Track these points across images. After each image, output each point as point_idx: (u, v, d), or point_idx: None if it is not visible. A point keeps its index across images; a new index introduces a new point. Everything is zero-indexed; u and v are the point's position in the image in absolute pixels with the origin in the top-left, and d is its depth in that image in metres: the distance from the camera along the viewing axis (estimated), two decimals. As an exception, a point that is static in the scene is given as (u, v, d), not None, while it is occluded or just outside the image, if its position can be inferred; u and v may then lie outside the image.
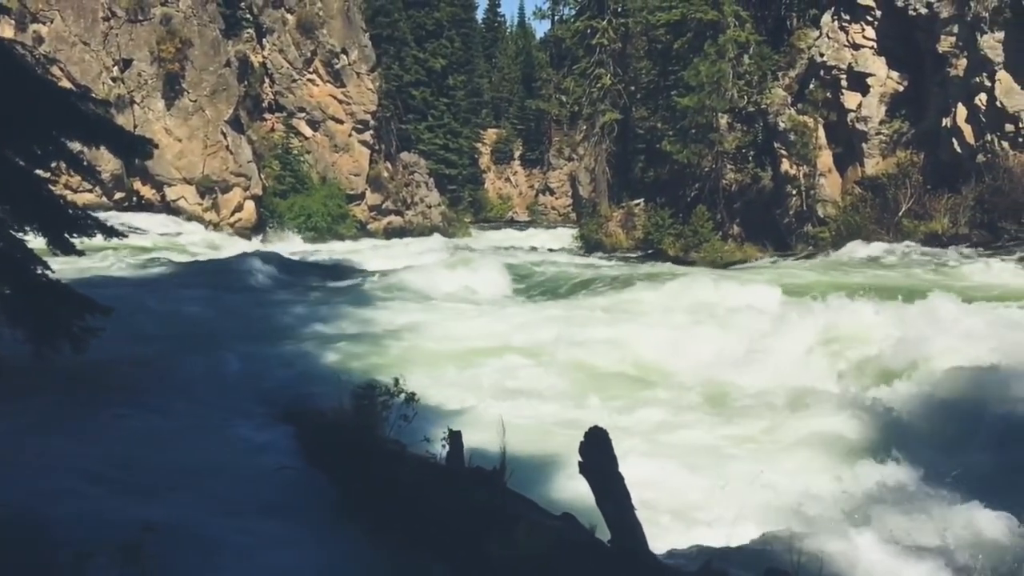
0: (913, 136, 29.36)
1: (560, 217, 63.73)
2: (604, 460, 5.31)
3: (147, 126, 37.28)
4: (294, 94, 43.87)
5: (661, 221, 34.14)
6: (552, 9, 56.13)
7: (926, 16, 28.33)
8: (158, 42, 37.56)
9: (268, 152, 42.55)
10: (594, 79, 40.78)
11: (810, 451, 8.93)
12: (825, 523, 6.77)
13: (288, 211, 41.25)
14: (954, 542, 6.41)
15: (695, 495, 7.64)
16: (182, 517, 6.50)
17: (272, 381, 11.33)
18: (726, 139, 33.22)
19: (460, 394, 11.00)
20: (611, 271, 25.10)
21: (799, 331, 13.03)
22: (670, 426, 10.05)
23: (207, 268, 23.02)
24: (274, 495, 7.20)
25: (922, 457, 8.12)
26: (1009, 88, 26.00)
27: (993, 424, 9.08)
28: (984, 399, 9.69)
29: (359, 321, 15.84)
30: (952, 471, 7.43)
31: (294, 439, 8.71)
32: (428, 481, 6.67)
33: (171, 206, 38.22)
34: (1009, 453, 8.22)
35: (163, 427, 9.14)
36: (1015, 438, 8.59)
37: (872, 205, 28.78)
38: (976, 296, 14.83)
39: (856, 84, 30.81)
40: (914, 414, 9.72)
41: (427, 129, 55.41)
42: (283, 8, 43.30)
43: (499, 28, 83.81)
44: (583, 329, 14.44)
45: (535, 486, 7.39)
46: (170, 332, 13.80)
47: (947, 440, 8.85)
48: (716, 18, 32.68)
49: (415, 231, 46.42)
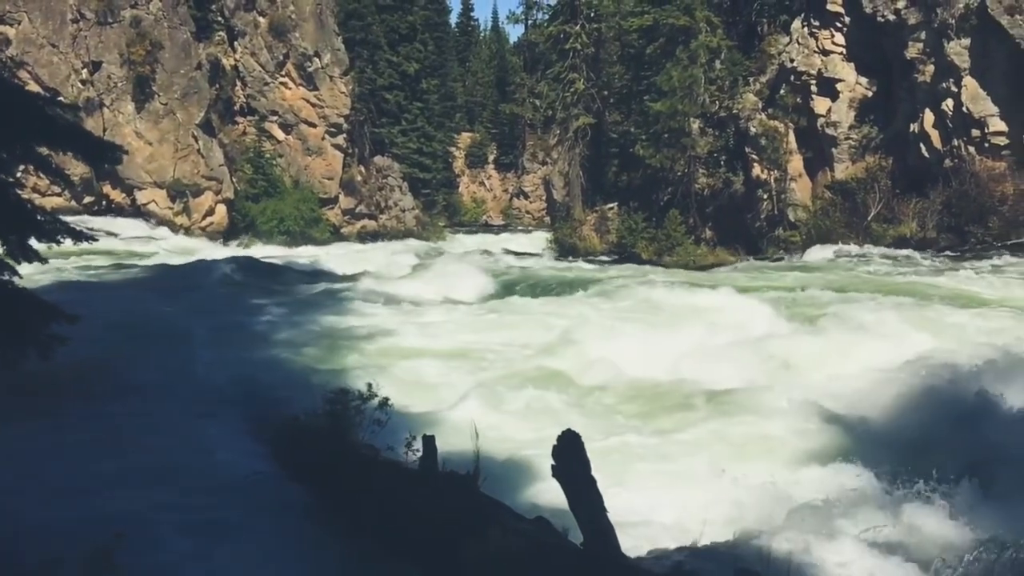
0: (882, 141, 29.77)
1: (534, 221, 63.75)
2: (576, 464, 5.34)
3: (117, 129, 36.89)
4: (266, 97, 43.57)
5: (634, 225, 34.31)
6: (526, 14, 56.19)
7: (894, 23, 28.74)
8: (128, 44, 37.18)
9: (240, 155, 42.21)
10: (567, 83, 40.91)
11: (768, 452, 9.02)
12: (792, 523, 6.85)
13: (260, 215, 40.94)
14: (918, 540, 6.52)
15: (662, 497, 7.70)
16: (153, 523, 6.46)
17: (244, 387, 11.24)
18: (698, 144, 33.47)
19: (434, 398, 10.99)
20: (585, 274, 25.17)
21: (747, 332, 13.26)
22: (631, 428, 10.11)
23: (177, 273, 22.80)
24: (246, 501, 7.16)
25: (883, 456, 8.23)
26: (975, 94, 26.44)
27: (952, 423, 9.27)
28: (942, 397, 9.91)
29: (331, 326, 15.77)
30: (913, 470, 7.55)
31: (266, 444, 8.66)
32: (402, 486, 6.67)
33: (141, 210, 37.80)
34: (967, 452, 8.36)
35: (131, 433, 9.06)
36: (973, 437, 8.75)
37: (842, 209, 29.13)
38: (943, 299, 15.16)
39: (826, 89, 31.19)
40: (873, 414, 9.89)
41: (401, 133, 55.18)
42: (255, 11, 43.01)
43: (473, 32, 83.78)
44: (555, 332, 14.49)
45: (509, 490, 7.40)
46: (138, 338, 13.65)
47: (907, 439, 9.01)
48: (688, 24, 32.92)
49: (389, 235, 46.24)
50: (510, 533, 5.71)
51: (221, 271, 22.03)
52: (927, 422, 9.54)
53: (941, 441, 8.75)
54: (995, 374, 10.45)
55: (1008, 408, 9.48)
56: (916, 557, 6.32)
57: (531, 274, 25.20)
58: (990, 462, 8.15)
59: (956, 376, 10.49)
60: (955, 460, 8.22)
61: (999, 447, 8.65)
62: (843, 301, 15.96)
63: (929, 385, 10.42)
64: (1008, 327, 13.18)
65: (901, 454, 7.88)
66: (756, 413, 10.19)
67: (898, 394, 10.29)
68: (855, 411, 10.11)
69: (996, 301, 15.88)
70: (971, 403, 9.87)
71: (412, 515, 6.30)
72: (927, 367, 10.85)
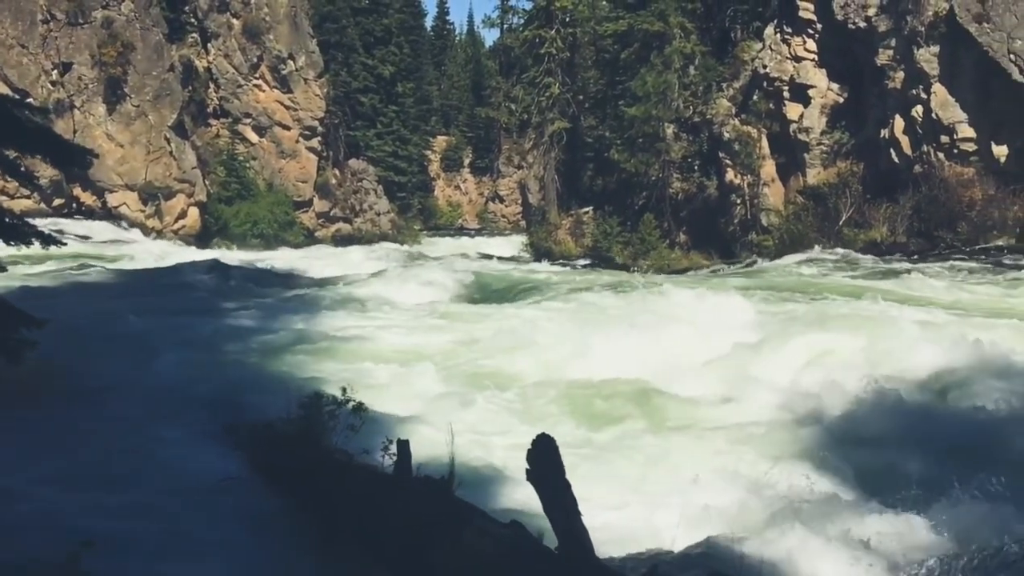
0: (853, 147, 30.11)
1: (510, 225, 63.80)
2: (551, 468, 5.33)
3: (87, 131, 36.49)
4: (240, 99, 43.29)
5: (609, 229, 34.44)
6: (501, 18, 56.40)
7: (865, 30, 29.10)
8: (99, 46, 36.78)
9: (213, 158, 41.90)
10: (543, 88, 41.02)
11: (738, 455, 9.09)
12: (764, 525, 6.90)
13: (234, 218, 40.65)
14: (890, 543, 6.58)
15: (635, 501, 7.73)
16: (122, 530, 6.37)
17: (217, 392, 11.13)
18: (672, 148, 33.68)
19: (408, 403, 10.94)
20: (559, 278, 25.24)
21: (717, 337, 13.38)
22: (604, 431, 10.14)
23: (149, 276, 22.59)
24: (218, 506, 7.09)
25: (853, 458, 8.33)
26: (944, 100, 26.82)
27: (921, 425, 9.41)
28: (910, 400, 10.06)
29: (305, 330, 15.67)
30: (884, 473, 7.63)
31: (239, 450, 8.58)
32: (376, 491, 6.64)
33: (113, 213, 37.39)
34: (934, 453, 8.48)
35: (101, 439, 8.94)
36: (940, 438, 8.89)
37: (814, 214, 29.43)
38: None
39: (798, 95, 31.50)
40: (842, 416, 10.01)
41: (376, 136, 55.04)
42: (228, 13, 42.72)
43: (448, 36, 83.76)
44: (528, 336, 14.51)
45: (484, 494, 7.39)
46: (109, 343, 13.48)
47: (877, 441, 9.12)
48: (662, 29, 33.13)
49: (364, 239, 46.08)
50: (485, 537, 5.69)
51: (193, 275, 21.83)
52: (896, 424, 9.67)
53: (911, 443, 8.86)
54: (964, 376, 10.62)
55: (976, 409, 9.63)
56: (887, 559, 6.38)
57: (507, 277, 25.23)
58: (962, 464, 8.26)
59: (923, 378, 10.63)
60: (925, 462, 8.33)
61: (969, 448, 8.78)
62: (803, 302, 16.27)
63: (897, 388, 10.57)
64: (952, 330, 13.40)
65: (872, 457, 7.97)
66: (725, 417, 10.26)
67: (865, 397, 10.41)
68: (826, 414, 10.22)
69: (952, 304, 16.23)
70: (940, 405, 10.04)
71: (387, 520, 6.27)
72: (893, 368, 10.98)
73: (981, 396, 10.07)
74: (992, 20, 25.52)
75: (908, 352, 11.57)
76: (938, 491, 7.36)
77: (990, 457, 8.52)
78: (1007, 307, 15.91)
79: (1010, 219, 25.41)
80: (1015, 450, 8.67)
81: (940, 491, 7.35)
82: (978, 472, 7.98)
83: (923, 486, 7.37)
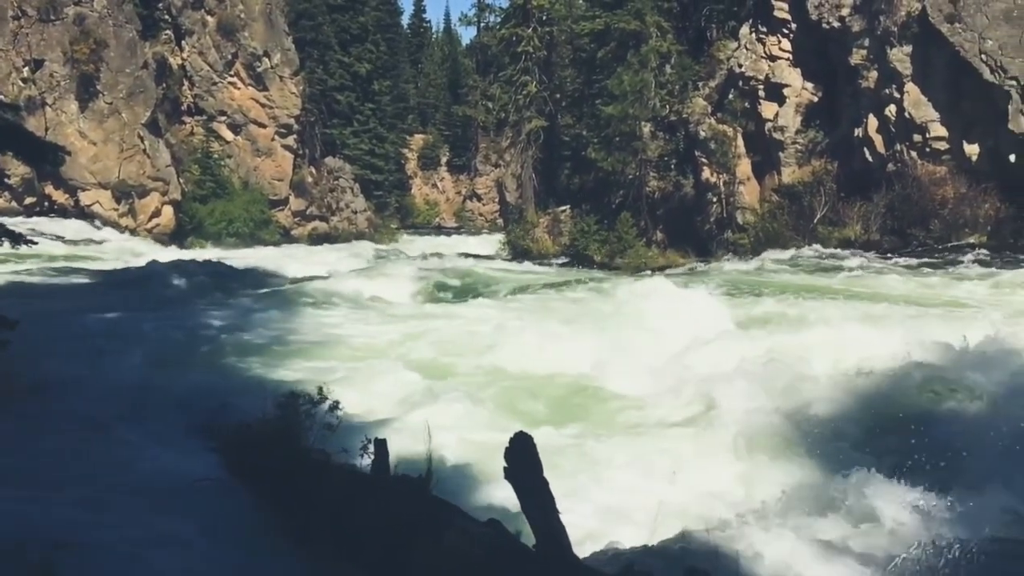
0: (827, 145, 30.38)
1: (487, 223, 63.83)
2: (529, 466, 5.34)
3: (59, 129, 36.06)
4: (214, 97, 42.95)
5: (587, 227, 34.52)
6: (478, 16, 56.35)
7: (839, 29, 29.36)
8: (71, 42, 36.36)
9: (187, 156, 41.55)
10: (520, 86, 41.02)
11: (717, 450, 9.15)
12: (740, 520, 6.95)
13: (209, 216, 40.34)
14: (863, 536, 6.65)
15: (613, 498, 7.76)
16: (96, 534, 6.30)
17: (191, 392, 11.02)
18: (649, 147, 33.80)
19: (386, 402, 10.92)
20: (536, 277, 25.30)
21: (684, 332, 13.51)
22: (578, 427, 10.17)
23: (122, 276, 22.35)
24: (193, 508, 7.02)
25: (828, 452, 8.40)
26: (917, 100, 27.12)
27: (888, 419, 9.52)
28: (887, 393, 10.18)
29: (281, 329, 15.59)
30: (858, 466, 7.70)
31: (214, 451, 8.51)
32: (353, 490, 6.61)
33: (85, 211, 36.99)
34: (915, 448, 8.55)
35: (75, 441, 8.83)
36: (908, 431, 8.99)
37: (789, 212, 29.66)
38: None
39: (773, 95, 31.73)
40: (819, 410, 10.10)
41: (352, 134, 54.84)
42: (203, 10, 42.37)
43: (425, 34, 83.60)
44: (503, 334, 14.52)
45: (462, 493, 7.39)
46: (82, 344, 13.32)
47: (853, 435, 9.22)
48: (638, 28, 33.24)
49: (340, 237, 45.89)
50: (462, 535, 5.69)
51: (165, 274, 21.63)
52: (874, 418, 9.77)
53: (878, 438, 8.96)
54: (944, 368, 10.73)
55: (952, 404, 9.73)
56: (865, 553, 6.44)
57: (484, 276, 25.24)
58: (938, 458, 8.36)
59: (901, 371, 10.75)
60: (904, 456, 8.41)
61: (946, 443, 8.87)
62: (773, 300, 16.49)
63: (874, 381, 10.68)
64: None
65: (849, 451, 8.04)
66: (695, 414, 10.32)
67: (845, 390, 10.52)
68: (804, 408, 10.30)
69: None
70: (917, 399, 10.15)
71: (364, 519, 6.25)
72: (870, 363, 11.09)
73: (948, 389, 10.18)
74: (963, 20, 25.83)
75: (868, 346, 11.71)
76: (908, 485, 7.43)
77: (958, 451, 8.62)
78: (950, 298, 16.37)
79: (981, 217, 25.74)
80: (986, 444, 8.77)
81: (911, 485, 7.42)
82: (947, 466, 8.09)
83: (892, 480, 7.44)
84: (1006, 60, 25.19)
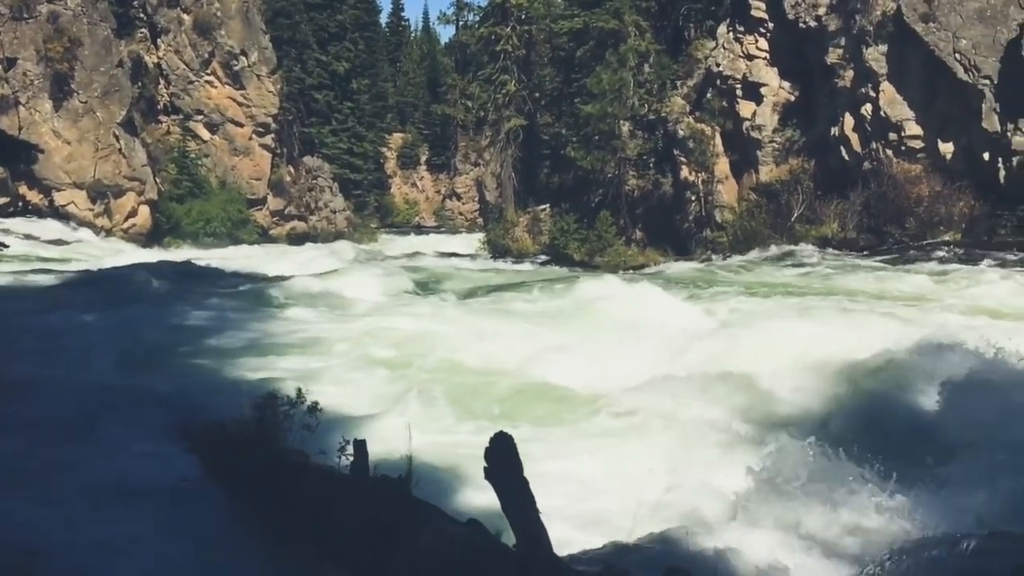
0: (804, 144, 30.59)
1: (467, 222, 63.72)
2: (509, 466, 5.33)
3: (33, 128, 35.64)
4: (191, 96, 42.62)
5: (566, 226, 34.56)
6: (457, 15, 56.14)
7: (815, 29, 29.57)
8: (45, 41, 35.95)
9: (164, 155, 41.22)
10: (499, 85, 41.02)
11: (691, 446, 9.18)
12: (717, 519, 6.97)
13: (186, 216, 40.03)
14: (842, 532, 6.69)
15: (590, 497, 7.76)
16: (70, 536, 6.23)
17: (168, 393, 10.90)
18: (628, 146, 33.90)
19: (366, 402, 10.87)
20: (514, 276, 25.31)
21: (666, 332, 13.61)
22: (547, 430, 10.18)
23: (97, 277, 22.07)
24: (170, 510, 6.96)
25: (813, 449, 8.44)
26: (892, 98, 27.38)
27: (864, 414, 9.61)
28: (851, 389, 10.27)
29: (259, 330, 15.48)
30: (836, 461, 7.74)
31: (192, 452, 8.44)
32: (333, 491, 6.58)
33: (60, 212, 36.58)
34: (882, 442, 8.62)
35: (48, 442, 8.71)
36: (886, 426, 9.07)
37: (767, 210, 29.85)
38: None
39: (750, 94, 31.91)
40: (795, 404, 10.17)
41: (331, 133, 54.60)
42: (179, 8, 42.02)
43: (403, 32, 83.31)
44: (482, 333, 14.53)
45: (442, 493, 7.36)
46: (56, 346, 13.15)
47: (830, 430, 9.28)
48: (617, 27, 33.32)
49: (319, 237, 45.68)
50: (442, 536, 5.67)
51: (145, 275, 21.41)
52: (857, 415, 9.85)
53: (856, 432, 9.02)
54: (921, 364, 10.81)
55: (932, 398, 9.80)
56: (845, 551, 6.48)
57: (464, 276, 25.23)
58: (921, 454, 8.43)
59: (879, 367, 10.83)
60: (886, 452, 8.47)
61: (928, 437, 8.95)
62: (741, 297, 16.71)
63: (855, 376, 10.75)
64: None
65: (831, 446, 8.08)
66: (672, 411, 10.34)
67: (826, 386, 10.59)
68: (784, 403, 10.36)
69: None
70: (896, 395, 10.22)
71: (343, 520, 6.22)
72: (850, 356, 11.17)
73: (924, 383, 10.26)
74: (938, 20, 26.10)
75: (842, 340, 11.82)
76: (889, 481, 7.48)
77: (938, 446, 8.70)
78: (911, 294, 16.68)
79: (956, 215, 26.02)
80: (964, 439, 8.85)
81: (891, 481, 7.47)
82: (928, 461, 8.16)
83: (873, 476, 7.49)
84: (979, 59, 25.48)
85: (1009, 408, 8.92)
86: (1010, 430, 8.51)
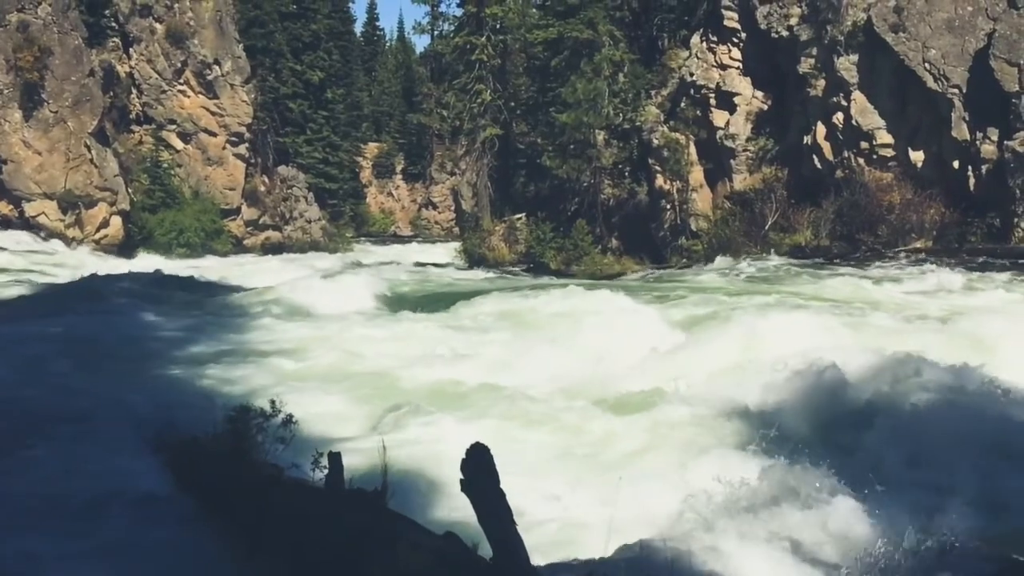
0: (777, 153, 30.84)
1: (443, 231, 63.63)
2: (485, 477, 5.30)
3: (3, 138, 35.25)
4: (164, 105, 42.25)
5: (543, 235, 34.61)
6: (431, 24, 56.10)
7: (787, 39, 29.86)
8: (14, 50, 35.53)
9: (136, 165, 40.79)
10: (474, 94, 41.02)
11: (664, 452, 9.19)
12: (693, 527, 6.96)
13: (159, 226, 39.63)
14: (826, 539, 6.70)
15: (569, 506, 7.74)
16: (41, 552, 6.12)
17: (139, 407, 10.73)
18: (603, 155, 34.01)
19: (340, 415, 10.78)
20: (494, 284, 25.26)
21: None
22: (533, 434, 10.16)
23: (68, 289, 21.81)
24: (141, 524, 6.85)
25: (783, 455, 8.47)
26: (863, 107, 27.70)
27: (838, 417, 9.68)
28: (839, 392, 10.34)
29: (233, 341, 15.32)
30: (813, 468, 7.77)
31: (163, 467, 8.32)
32: (307, 504, 6.51)
33: (31, 223, 36.12)
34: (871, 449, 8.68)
35: (18, 459, 8.56)
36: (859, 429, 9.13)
37: (741, 219, 30.03)
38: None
39: (724, 103, 32.15)
40: (771, 410, 10.22)
41: (306, 142, 54.32)
42: (151, 17, 41.67)
43: (378, 42, 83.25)
44: (458, 345, 14.49)
45: (418, 506, 7.31)
46: (24, 361, 12.91)
47: (807, 437, 9.32)
48: (591, 37, 33.45)
49: (294, 247, 45.36)
50: (418, 549, 5.62)
51: (116, 287, 21.16)
52: (829, 418, 9.91)
53: (831, 437, 9.07)
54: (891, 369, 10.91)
55: (905, 403, 9.89)
56: (823, 555, 6.49)
57: (438, 285, 25.14)
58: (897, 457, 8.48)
59: (851, 371, 10.91)
60: (862, 456, 8.51)
61: (905, 441, 9.01)
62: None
63: (824, 380, 10.81)
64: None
65: (806, 453, 8.11)
66: (653, 416, 10.36)
67: (797, 391, 10.64)
68: (757, 410, 10.40)
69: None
70: (869, 399, 10.30)
71: (317, 534, 6.15)
72: (820, 361, 11.24)
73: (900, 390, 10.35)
74: (908, 30, 26.45)
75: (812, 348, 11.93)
76: (864, 484, 7.52)
77: (914, 448, 8.77)
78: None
79: (927, 222, 26.31)
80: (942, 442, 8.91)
81: (866, 484, 7.50)
82: (903, 464, 8.22)
83: (848, 479, 7.53)
84: (948, 69, 25.84)
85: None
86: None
